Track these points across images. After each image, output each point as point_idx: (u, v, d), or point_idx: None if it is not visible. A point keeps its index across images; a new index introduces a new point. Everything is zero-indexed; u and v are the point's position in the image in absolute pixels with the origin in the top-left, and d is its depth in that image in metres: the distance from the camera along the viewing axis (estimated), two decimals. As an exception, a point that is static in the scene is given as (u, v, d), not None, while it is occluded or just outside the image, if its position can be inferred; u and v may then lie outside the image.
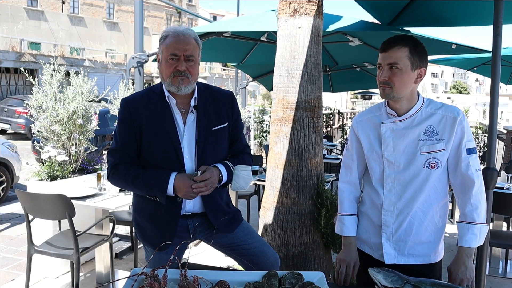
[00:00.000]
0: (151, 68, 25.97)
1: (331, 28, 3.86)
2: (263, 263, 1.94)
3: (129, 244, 4.26)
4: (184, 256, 1.90)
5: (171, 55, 1.74)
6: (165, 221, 1.84)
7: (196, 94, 1.85)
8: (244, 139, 2.06)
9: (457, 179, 1.69)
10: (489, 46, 2.46)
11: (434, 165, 1.66)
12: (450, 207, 1.65)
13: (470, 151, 1.65)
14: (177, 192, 1.75)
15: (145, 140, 1.81)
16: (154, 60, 4.86)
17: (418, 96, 1.70)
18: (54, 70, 3.95)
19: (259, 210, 4.06)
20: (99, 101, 4.39)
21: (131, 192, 2.04)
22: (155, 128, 1.80)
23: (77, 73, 4.19)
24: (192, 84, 1.80)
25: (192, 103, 1.84)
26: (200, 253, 4.04)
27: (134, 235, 3.94)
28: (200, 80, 1.94)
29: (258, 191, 5.35)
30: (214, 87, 1.98)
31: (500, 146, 9.00)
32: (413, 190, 1.69)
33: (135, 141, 1.82)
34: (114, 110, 6.59)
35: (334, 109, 16.36)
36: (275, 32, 3.19)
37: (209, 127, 1.85)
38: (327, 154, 8.08)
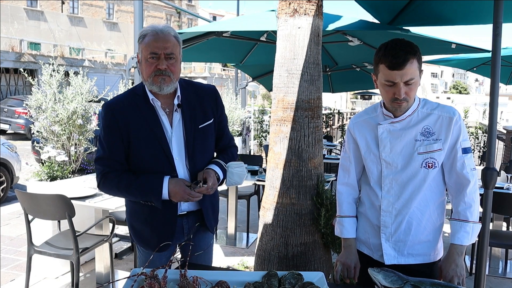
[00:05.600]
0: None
1: (331, 27, 3.86)
2: None
3: (129, 244, 4.26)
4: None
5: (150, 54, 1.68)
6: (162, 223, 1.82)
7: (179, 92, 1.79)
8: (228, 132, 2.04)
9: (452, 178, 1.70)
10: (488, 46, 2.45)
11: (431, 165, 1.67)
12: (449, 207, 1.64)
13: (466, 151, 1.66)
14: (172, 197, 1.72)
15: (134, 145, 1.75)
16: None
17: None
18: (54, 71, 3.95)
19: (259, 210, 4.05)
20: (99, 101, 4.38)
21: None
22: (142, 131, 1.74)
23: (76, 73, 4.18)
24: (174, 83, 1.75)
25: (176, 101, 1.78)
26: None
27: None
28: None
29: (258, 191, 5.34)
30: (197, 83, 1.93)
31: (500, 146, 9.01)
32: (411, 190, 1.69)
33: (122, 146, 1.76)
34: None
35: (334, 109, 16.35)
36: (275, 32, 3.19)
37: (196, 125, 1.81)
38: (327, 154, 8.07)
